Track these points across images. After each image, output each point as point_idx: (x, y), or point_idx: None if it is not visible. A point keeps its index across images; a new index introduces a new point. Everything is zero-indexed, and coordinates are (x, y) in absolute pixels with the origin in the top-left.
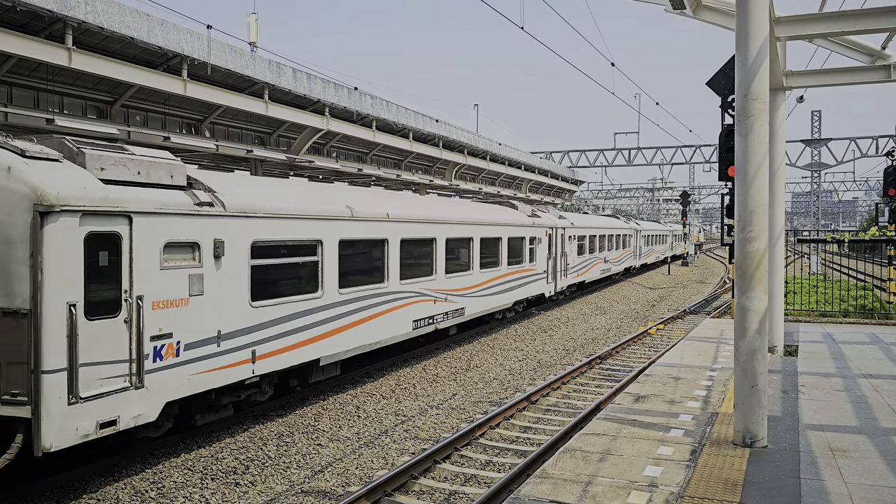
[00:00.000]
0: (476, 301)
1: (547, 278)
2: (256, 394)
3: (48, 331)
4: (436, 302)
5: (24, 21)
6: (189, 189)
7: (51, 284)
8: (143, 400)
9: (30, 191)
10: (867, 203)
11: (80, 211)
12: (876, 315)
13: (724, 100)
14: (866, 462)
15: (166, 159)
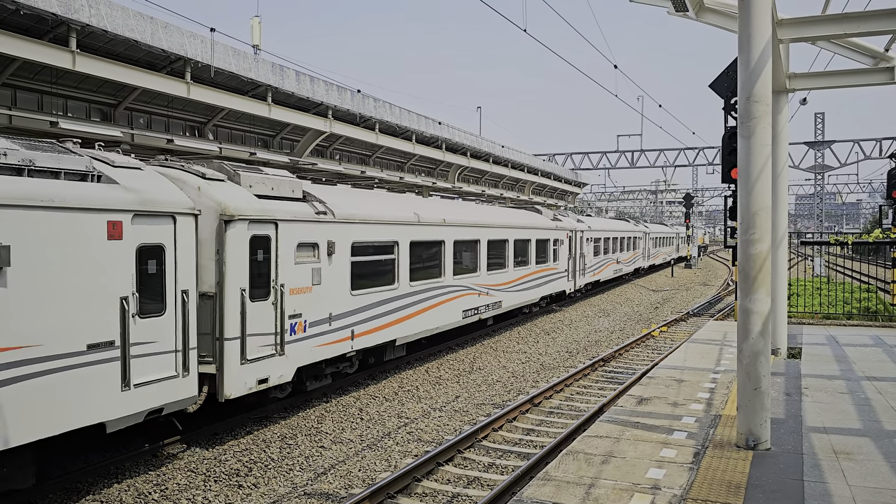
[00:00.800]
0: (511, 295)
1: (568, 276)
2: (348, 366)
3: (228, 309)
4: (479, 295)
5: (29, 24)
6: (306, 201)
7: (230, 274)
8: (283, 364)
9: (216, 204)
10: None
11: (248, 219)
12: (880, 317)
13: (727, 102)
14: (870, 464)
15: (288, 177)
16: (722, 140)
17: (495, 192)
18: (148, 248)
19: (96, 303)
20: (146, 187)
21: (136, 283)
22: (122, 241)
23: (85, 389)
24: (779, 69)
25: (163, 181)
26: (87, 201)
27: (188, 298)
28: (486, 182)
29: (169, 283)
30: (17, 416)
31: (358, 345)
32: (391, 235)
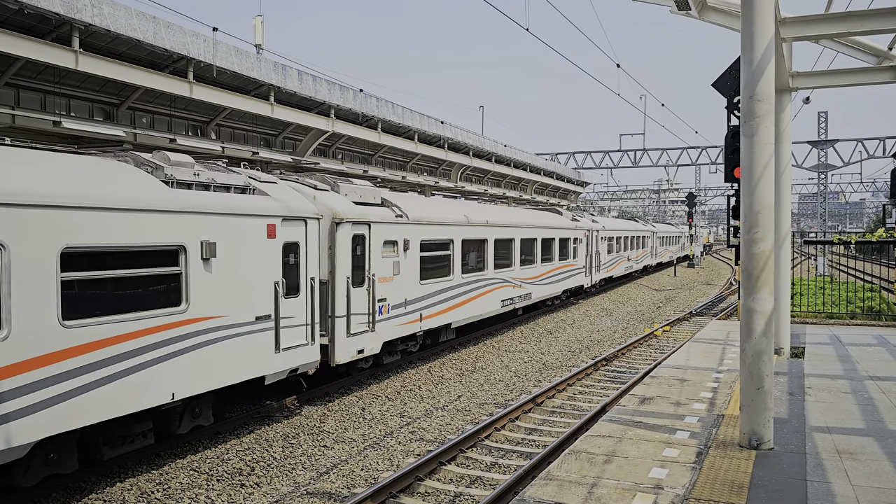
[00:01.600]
0: (539, 288)
1: (585, 272)
2: (413, 345)
3: (338, 293)
4: (514, 287)
5: (32, 24)
6: (384, 206)
7: (339, 265)
8: (374, 339)
9: (328, 210)
10: (874, 204)
11: (351, 221)
12: (883, 317)
13: (729, 101)
14: (873, 464)
15: (371, 187)
16: (725, 139)
17: (498, 191)
18: (289, 245)
19: (260, 285)
20: (286, 197)
21: (283, 271)
22: (275, 239)
23: (254, 350)
24: (782, 68)
25: (294, 192)
26: (256, 209)
27: (314, 284)
28: (488, 181)
29: (302, 271)
30: (216, 367)
31: (425, 326)
32: (448, 234)
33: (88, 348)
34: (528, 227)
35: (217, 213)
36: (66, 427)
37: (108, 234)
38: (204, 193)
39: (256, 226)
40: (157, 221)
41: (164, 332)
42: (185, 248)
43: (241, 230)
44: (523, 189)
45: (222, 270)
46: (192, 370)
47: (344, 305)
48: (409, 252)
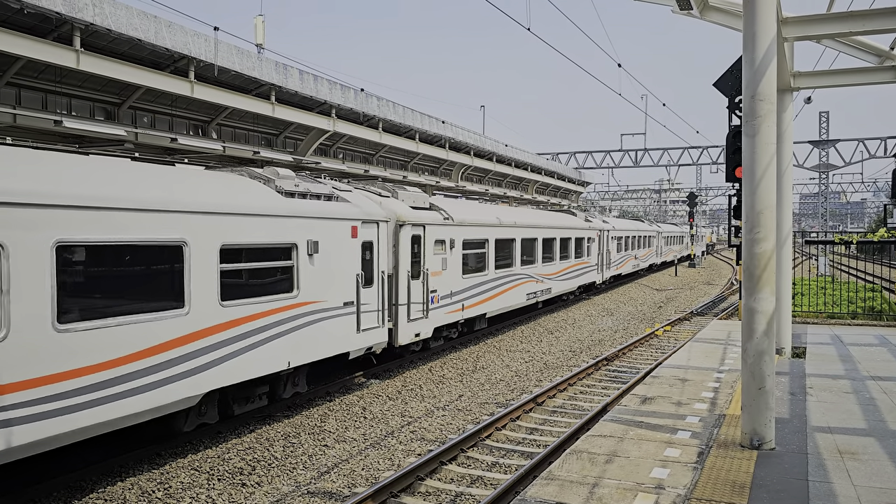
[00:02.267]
0: (557, 283)
1: (597, 270)
2: (454, 332)
3: (401, 284)
4: (537, 282)
5: (33, 23)
6: (432, 210)
7: (402, 261)
8: (427, 324)
9: (393, 214)
10: (875, 204)
11: (411, 223)
12: (885, 317)
13: (731, 101)
14: (875, 464)
15: (422, 193)
16: (726, 139)
17: (499, 191)
18: (366, 243)
19: (346, 276)
20: (363, 203)
21: (362, 265)
22: (356, 239)
23: (342, 330)
24: (783, 68)
25: (368, 198)
26: (343, 214)
27: (384, 276)
28: (489, 181)
29: (375, 265)
30: (311, 343)
31: (466, 315)
32: (484, 234)
33: (235, 323)
34: (548, 228)
35: (316, 217)
36: (223, 383)
37: (247, 234)
38: (306, 201)
39: (343, 227)
40: (277, 224)
41: (282, 313)
42: (297, 245)
43: (333, 231)
44: (524, 189)
45: (321, 264)
46: (300, 344)
47: (405, 295)
48: (454, 250)
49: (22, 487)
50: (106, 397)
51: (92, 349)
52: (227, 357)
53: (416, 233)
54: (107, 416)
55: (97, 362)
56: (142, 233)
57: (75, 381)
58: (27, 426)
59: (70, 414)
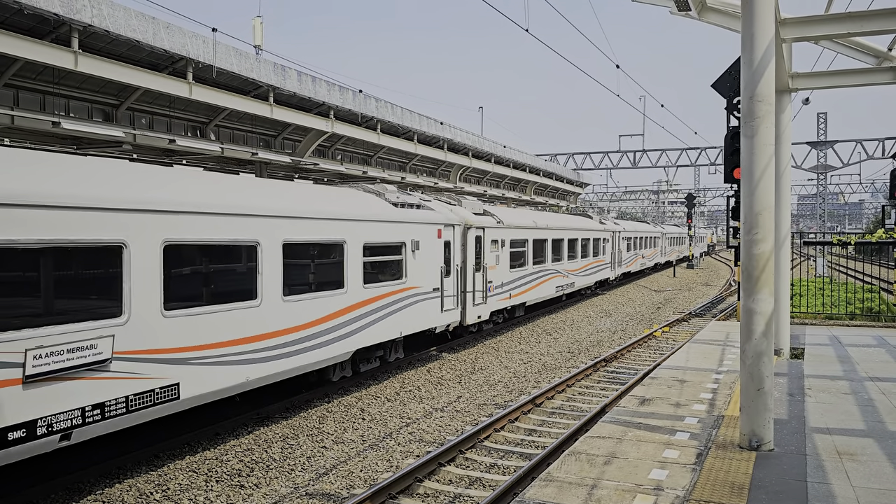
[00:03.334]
0: (579, 278)
1: (611, 267)
2: (499, 317)
3: (468, 276)
4: (563, 277)
5: (31, 24)
6: (486, 215)
7: (469, 256)
8: (485, 309)
9: (461, 219)
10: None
11: (474, 227)
12: (883, 318)
13: (729, 102)
14: (874, 465)
15: (476, 200)
16: (724, 140)
17: (497, 192)
18: (446, 242)
19: (434, 268)
20: (443, 210)
21: (443, 259)
22: (440, 239)
23: (431, 310)
24: (781, 69)
25: (445, 207)
26: (432, 219)
27: (457, 269)
28: (487, 182)
29: (451, 260)
30: (406, 321)
31: (512, 302)
32: (525, 235)
33: (371, 301)
34: (572, 230)
35: (415, 222)
36: (363, 345)
37: (378, 235)
38: (407, 210)
39: (432, 230)
40: (393, 227)
41: (396, 294)
42: (405, 243)
43: (426, 233)
44: (522, 190)
45: (419, 258)
46: (406, 319)
47: (471, 284)
48: (504, 248)
49: (20, 489)
50: (301, 349)
51: (299, 314)
52: (365, 326)
53: (478, 234)
54: (298, 364)
55: (302, 323)
56: (325, 235)
57: (292, 335)
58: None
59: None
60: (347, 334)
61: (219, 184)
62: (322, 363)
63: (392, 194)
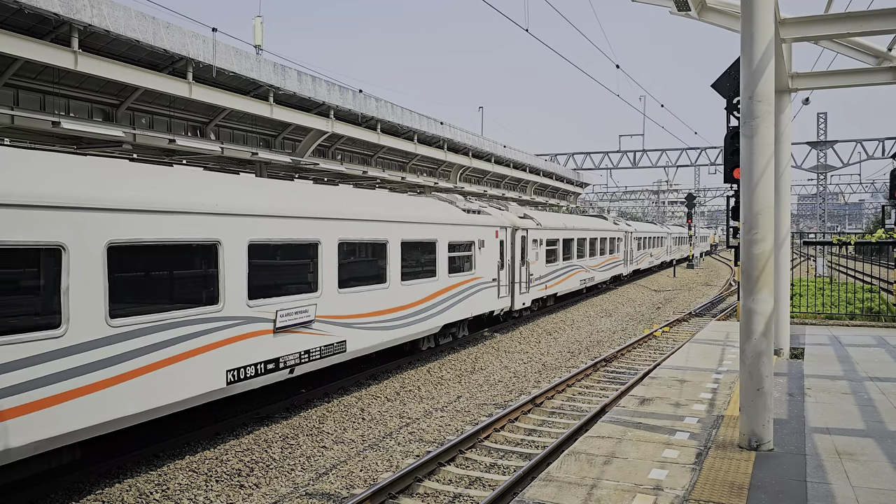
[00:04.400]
0: (598, 273)
1: (624, 265)
2: (533, 307)
3: (515, 269)
4: (586, 272)
5: (31, 24)
6: (526, 218)
7: (516, 253)
8: (528, 297)
9: (510, 222)
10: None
11: (520, 228)
12: (883, 318)
13: (729, 102)
14: (873, 465)
15: (518, 206)
16: (724, 140)
17: (497, 191)
18: (501, 241)
19: (492, 262)
20: (497, 215)
21: (499, 256)
22: (497, 238)
23: (491, 296)
24: (781, 69)
25: (498, 212)
26: (490, 223)
27: (508, 263)
28: (487, 182)
29: (504, 256)
30: (475, 304)
31: (547, 293)
32: (557, 235)
33: (452, 287)
34: (592, 230)
35: (480, 225)
36: (446, 322)
37: (456, 235)
38: (473, 214)
39: (491, 231)
40: (465, 230)
41: (468, 283)
42: (474, 242)
43: (487, 233)
44: (522, 190)
45: (483, 254)
46: (475, 303)
47: (518, 276)
48: (541, 246)
49: (20, 489)
50: (405, 323)
51: (410, 295)
52: (449, 306)
53: (523, 234)
54: (409, 333)
55: (411, 302)
56: (426, 235)
57: (406, 311)
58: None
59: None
60: (438, 312)
61: (364, 197)
62: (423, 333)
63: (461, 203)
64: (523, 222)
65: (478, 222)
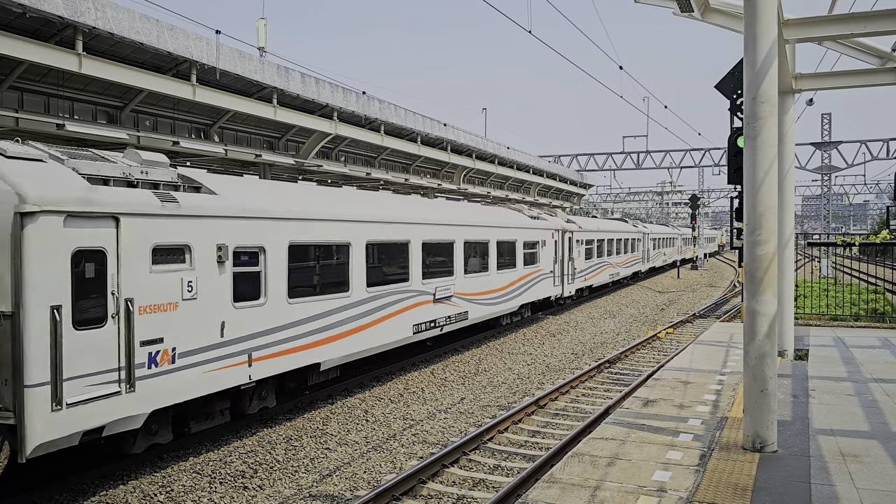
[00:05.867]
0: (622, 269)
1: (641, 263)
2: (575, 296)
3: (564, 264)
4: (613, 267)
5: (35, 27)
6: (570, 222)
7: (564, 251)
8: (573, 287)
9: (561, 225)
10: (878, 206)
11: (567, 231)
12: (887, 319)
13: (732, 103)
14: (878, 467)
15: (563, 213)
16: (728, 141)
17: (500, 193)
18: (555, 241)
19: (550, 258)
20: (551, 220)
21: (554, 252)
22: (553, 239)
23: (549, 285)
24: (785, 69)
25: (551, 217)
26: (548, 226)
27: (560, 259)
28: (491, 183)
29: (556, 252)
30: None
31: (585, 284)
32: (593, 236)
33: (526, 276)
34: (618, 232)
35: (541, 228)
36: (522, 303)
37: (527, 236)
38: (537, 220)
39: (549, 233)
40: (533, 232)
41: (534, 274)
42: (538, 242)
43: (546, 235)
44: (526, 191)
45: (544, 251)
46: (538, 289)
47: (566, 270)
48: (582, 246)
49: (24, 490)
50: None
51: (502, 280)
52: (523, 291)
53: (569, 236)
54: (501, 309)
55: (502, 286)
56: (508, 237)
57: (499, 293)
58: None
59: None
60: (517, 295)
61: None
62: (508, 310)
63: (527, 211)
64: (569, 226)
65: (540, 226)
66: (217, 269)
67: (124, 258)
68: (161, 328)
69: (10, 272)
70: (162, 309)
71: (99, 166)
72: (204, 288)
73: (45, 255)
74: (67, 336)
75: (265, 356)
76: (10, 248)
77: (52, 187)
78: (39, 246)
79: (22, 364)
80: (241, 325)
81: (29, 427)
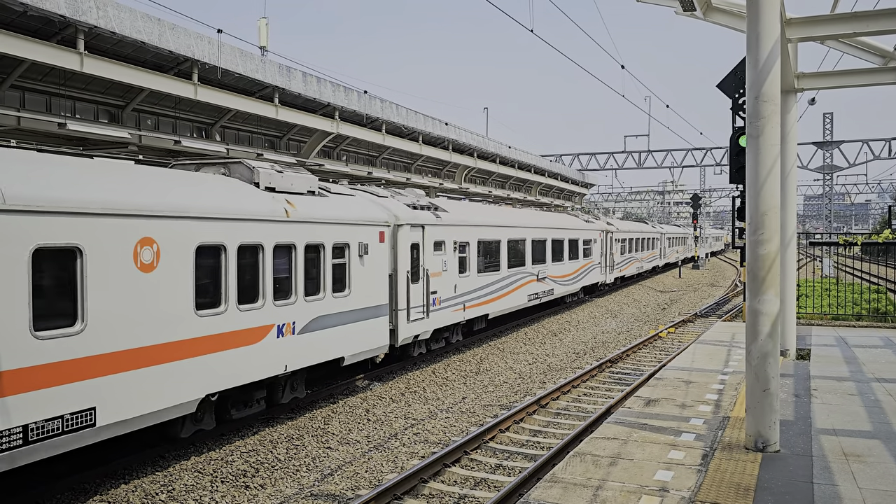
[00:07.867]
0: (645, 264)
1: (659, 258)
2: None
3: (606, 258)
4: (638, 262)
5: (37, 26)
6: (610, 225)
7: (605, 248)
8: (611, 276)
9: (604, 227)
10: (880, 206)
11: (608, 231)
12: (889, 318)
13: (735, 102)
14: (880, 467)
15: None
16: (730, 140)
17: (502, 192)
18: (601, 240)
19: (597, 253)
20: (597, 223)
21: (601, 249)
22: (600, 238)
23: (597, 273)
24: (787, 69)
25: (597, 219)
26: (597, 228)
27: (603, 254)
28: (492, 183)
29: (598, 247)
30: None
31: (620, 275)
32: (625, 235)
33: (582, 267)
34: (642, 232)
35: (591, 229)
36: (582, 285)
37: (583, 234)
38: (589, 223)
39: (596, 233)
40: (585, 232)
41: (589, 265)
42: (592, 239)
43: (594, 234)
44: (527, 191)
45: (594, 247)
46: (590, 276)
47: (608, 262)
48: (617, 243)
49: (25, 489)
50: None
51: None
52: (581, 277)
53: (610, 234)
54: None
55: (570, 272)
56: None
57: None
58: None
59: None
60: (579, 279)
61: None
62: (573, 291)
63: (581, 216)
64: (609, 227)
65: (591, 227)
66: (453, 255)
67: (425, 247)
68: (436, 285)
69: (389, 255)
70: (436, 275)
71: (411, 199)
72: (448, 264)
73: (402, 246)
74: (410, 286)
75: (469, 306)
76: (391, 243)
77: (402, 212)
78: (401, 241)
79: (396, 299)
80: (461, 287)
81: (399, 330)
